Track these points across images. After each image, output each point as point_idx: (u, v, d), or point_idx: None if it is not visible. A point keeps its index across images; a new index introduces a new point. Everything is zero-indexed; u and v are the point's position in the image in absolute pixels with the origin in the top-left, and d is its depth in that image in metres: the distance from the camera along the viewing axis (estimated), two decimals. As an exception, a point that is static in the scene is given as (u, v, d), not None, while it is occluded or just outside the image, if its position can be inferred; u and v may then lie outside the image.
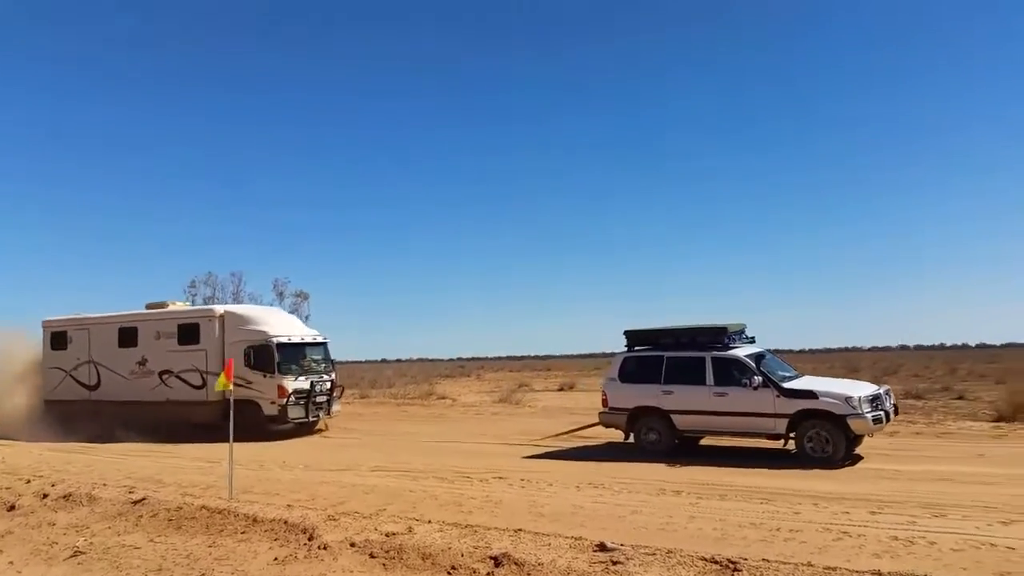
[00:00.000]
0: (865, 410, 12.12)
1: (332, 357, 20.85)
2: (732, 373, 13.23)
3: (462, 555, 6.78)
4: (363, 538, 7.44)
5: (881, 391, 12.86)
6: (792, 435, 12.60)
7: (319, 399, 19.46)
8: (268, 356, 18.74)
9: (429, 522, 8.23)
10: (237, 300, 33.83)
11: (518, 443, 16.55)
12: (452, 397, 30.87)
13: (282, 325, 20.24)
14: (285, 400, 18.48)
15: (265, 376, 18.65)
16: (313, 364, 19.86)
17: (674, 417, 13.68)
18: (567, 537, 7.37)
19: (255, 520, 8.41)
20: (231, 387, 10.92)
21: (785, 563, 6.16)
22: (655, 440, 13.91)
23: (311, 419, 19.35)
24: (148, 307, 22.30)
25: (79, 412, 20.69)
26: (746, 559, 6.29)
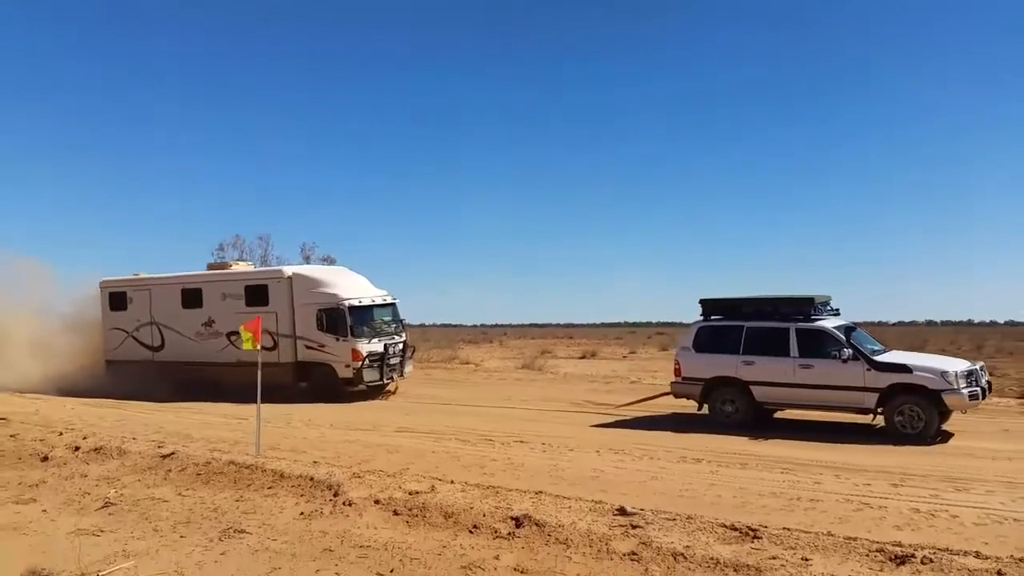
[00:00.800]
0: (961, 385, 11.66)
1: (402, 317, 20.68)
2: (818, 345, 12.80)
3: (484, 515, 6.88)
4: (387, 496, 7.57)
5: (976, 367, 12.35)
6: (881, 410, 12.17)
7: (392, 361, 19.22)
8: (340, 319, 18.54)
9: (452, 482, 8.34)
10: (264, 263, 34.08)
11: (541, 408, 16.66)
12: (475, 362, 31.05)
13: (352, 286, 19.85)
14: (360, 363, 18.33)
15: (338, 340, 18.50)
16: (384, 325, 19.66)
17: (754, 389, 13.25)
18: (587, 500, 7.45)
19: (282, 476, 8.57)
20: (259, 347, 11.07)
21: (805, 532, 6.19)
22: (731, 412, 13.49)
23: (385, 381, 19.18)
24: (210, 267, 22.40)
25: (142, 372, 20.75)
26: (766, 527, 6.32)
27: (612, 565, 5.68)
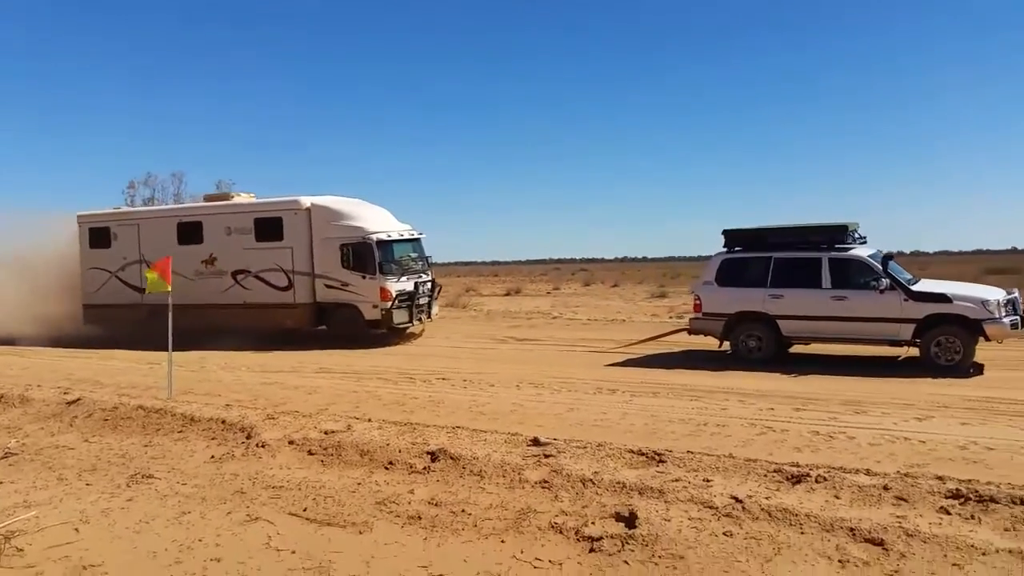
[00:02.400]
0: (1003, 314, 11.36)
1: (427, 254, 19.05)
2: (853, 275, 12.23)
3: (400, 451, 6.91)
4: (302, 436, 7.52)
5: (1016, 294, 11.99)
6: (917, 341, 11.75)
7: (421, 301, 17.73)
8: (367, 255, 16.90)
9: (369, 420, 8.34)
10: (178, 201, 32.76)
11: (463, 345, 16.75)
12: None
13: (378, 219, 18.09)
14: (390, 304, 16.76)
15: (365, 277, 16.88)
16: (412, 262, 18.12)
17: (781, 323, 12.65)
18: (503, 433, 7.57)
19: (192, 419, 8.42)
20: (168, 288, 10.68)
21: (708, 455, 6.43)
22: (755, 347, 12.94)
23: (414, 323, 17.68)
24: (207, 199, 20.26)
25: (128, 317, 18.70)
26: (671, 451, 6.54)
27: (524, 493, 5.79)
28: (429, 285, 18.34)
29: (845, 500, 5.22)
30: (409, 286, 17.31)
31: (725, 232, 13.57)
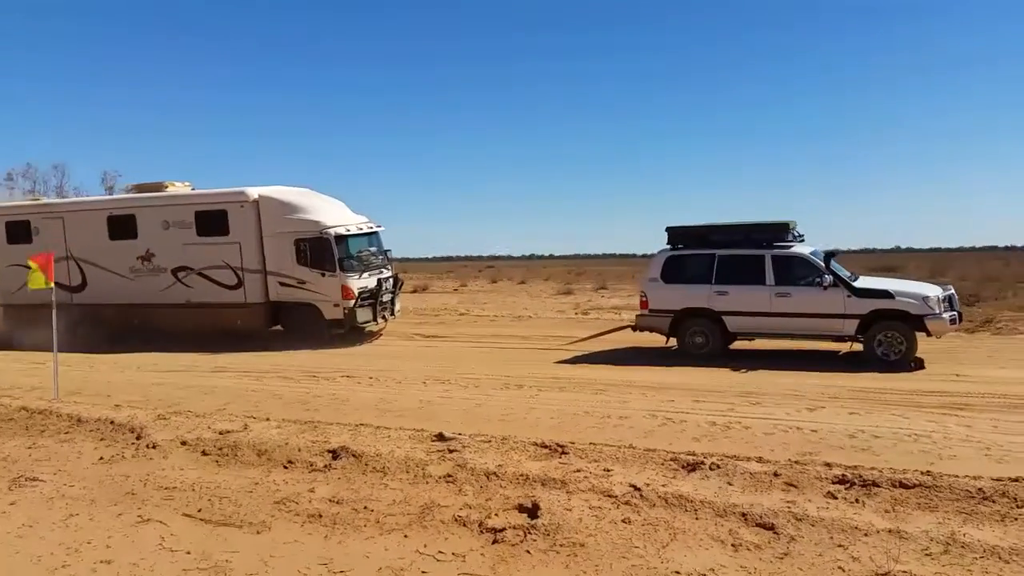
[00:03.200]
0: (942, 310, 11.60)
1: (387, 248, 18.01)
2: (796, 272, 12.34)
3: (299, 450, 6.76)
4: (195, 436, 7.26)
5: (952, 291, 12.21)
6: (860, 337, 11.95)
7: (384, 298, 16.77)
8: (326, 250, 15.78)
9: (267, 419, 8.13)
10: (61, 195, 31.06)
11: (370, 342, 16.51)
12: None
13: (334, 211, 16.99)
14: (352, 302, 15.78)
15: (324, 275, 15.82)
16: (372, 257, 17.02)
17: (727, 319, 12.73)
18: (408, 429, 7.50)
19: (79, 420, 8.01)
20: (52, 285, 10.12)
21: (609, 446, 6.55)
22: (701, 343, 12.95)
23: (378, 322, 16.65)
24: (137, 189, 18.42)
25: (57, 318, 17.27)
26: (573, 443, 6.62)
27: (428, 488, 5.75)
28: (391, 281, 17.50)
29: (738, 487, 5.39)
30: (372, 282, 16.43)
31: (668, 229, 13.57)
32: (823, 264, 12.20)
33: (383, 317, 16.74)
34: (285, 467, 6.42)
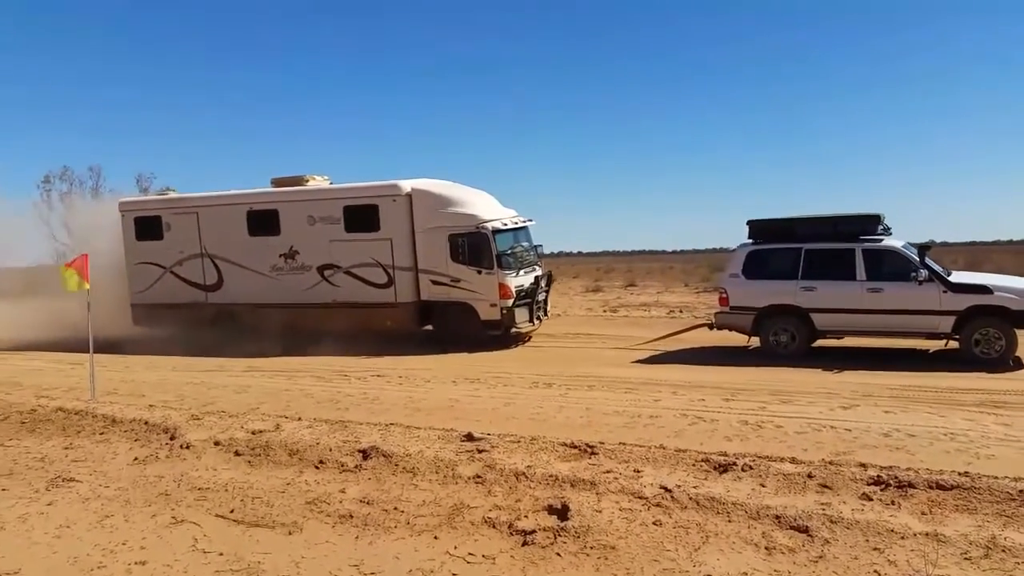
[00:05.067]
0: None
1: (537, 243, 16.87)
2: (889, 266, 11.76)
3: (330, 449, 6.80)
4: (228, 436, 7.34)
5: None
6: (957, 335, 11.41)
7: (539, 297, 15.78)
8: (483, 247, 14.80)
9: (299, 419, 8.20)
10: (96, 197, 31.64)
11: (395, 340, 16.49)
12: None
13: (489, 205, 15.95)
14: (511, 302, 14.79)
15: (480, 272, 14.81)
16: (525, 253, 15.98)
17: (815, 316, 12.12)
18: (437, 429, 7.52)
19: (114, 421, 8.14)
20: (87, 286, 10.28)
21: (639, 446, 6.51)
22: (787, 342, 12.37)
23: (534, 323, 15.58)
24: (276, 184, 17.18)
25: (189, 318, 16.57)
26: (603, 443, 6.60)
27: (457, 489, 5.76)
28: (547, 280, 16.42)
29: (771, 488, 5.33)
30: (528, 280, 15.43)
31: (750, 223, 12.98)
32: (918, 258, 11.66)
33: (538, 318, 15.75)
34: (316, 467, 6.48)
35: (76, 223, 19.39)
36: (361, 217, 15.57)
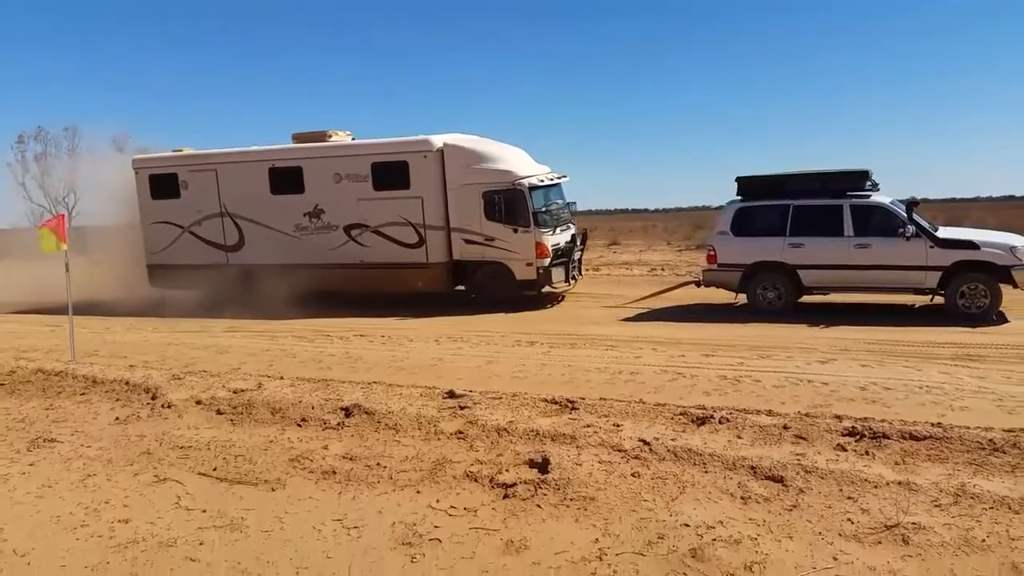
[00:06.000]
0: None
1: (571, 200, 16.39)
2: (876, 222, 11.85)
3: (313, 407, 6.82)
4: (210, 395, 7.33)
5: None
6: (942, 291, 11.53)
7: (575, 256, 15.52)
8: (519, 204, 14.36)
9: (281, 378, 8.19)
10: (73, 157, 31.01)
11: (378, 301, 16.46)
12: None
13: (523, 161, 15.45)
14: (548, 261, 14.45)
15: (516, 231, 14.39)
16: (560, 212, 15.56)
17: (802, 273, 12.24)
18: (419, 387, 7.54)
19: (95, 381, 8.10)
20: (65, 247, 10.12)
21: (619, 401, 6.57)
22: (774, 298, 12.50)
23: (570, 283, 15.36)
24: (297, 139, 16.57)
25: (210, 279, 16.00)
26: (584, 399, 6.65)
27: (439, 445, 5.80)
28: (578, 238, 15.99)
29: (747, 440, 5.41)
30: (564, 239, 15.12)
31: (739, 179, 13.01)
32: (905, 214, 11.72)
33: (573, 278, 15.49)
34: (299, 425, 6.49)
35: (75, 181, 18.75)
36: (390, 174, 15.05)
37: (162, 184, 16.81)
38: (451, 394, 7.01)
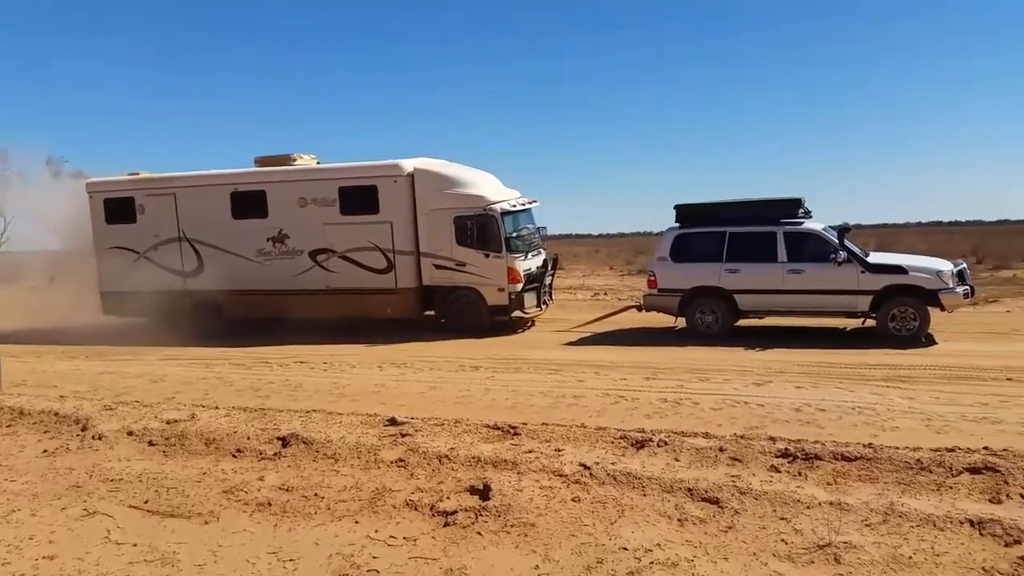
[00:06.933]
0: (955, 284, 11.56)
1: (541, 225, 16.30)
2: (809, 248, 12.19)
3: (248, 438, 6.67)
4: (142, 426, 7.12)
5: (963, 265, 12.29)
6: (874, 314, 11.83)
7: (546, 282, 15.46)
8: (491, 229, 14.25)
9: (216, 408, 8.01)
10: (2, 181, 29.80)
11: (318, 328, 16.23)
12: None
13: (494, 187, 15.36)
14: (520, 286, 14.33)
15: (488, 256, 14.25)
16: (532, 236, 15.51)
17: (738, 297, 12.54)
18: (360, 415, 7.44)
19: (22, 413, 7.79)
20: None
21: (560, 426, 6.59)
22: (712, 322, 12.75)
23: (541, 308, 15.25)
24: (260, 163, 16.15)
25: (165, 306, 15.31)
26: (526, 424, 6.66)
27: (380, 473, 5.73)
28: (551, 264, 16.05)
29: (684, 462, 5.47)
30: (536, 264, 15.06)
31: (677, 207, 13.29)
32: (837, 240, 12.05)
33: (544, 303, 15.41)
34: (234, 456, 6.34)
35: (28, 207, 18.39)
36: (359, 199, 14.84)
37: (118, 208, 16.31)
38: (392, 421, 6.94)
